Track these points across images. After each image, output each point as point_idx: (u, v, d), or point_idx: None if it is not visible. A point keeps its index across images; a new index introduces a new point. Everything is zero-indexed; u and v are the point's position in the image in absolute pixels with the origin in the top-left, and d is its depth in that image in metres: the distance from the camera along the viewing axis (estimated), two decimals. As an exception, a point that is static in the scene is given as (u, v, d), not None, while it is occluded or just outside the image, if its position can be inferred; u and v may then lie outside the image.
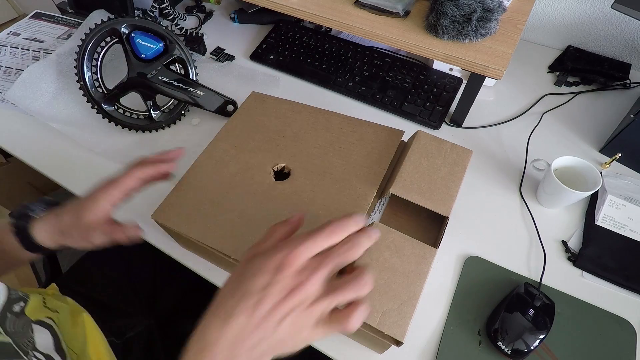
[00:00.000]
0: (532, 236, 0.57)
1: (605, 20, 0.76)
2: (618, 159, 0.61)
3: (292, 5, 0.66)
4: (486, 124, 0.71)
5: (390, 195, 0.47)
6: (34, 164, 0.68)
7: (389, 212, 0.50)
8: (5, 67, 0.81)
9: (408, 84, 0.74)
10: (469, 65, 0.58)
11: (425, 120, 0.70)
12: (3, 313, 0.40)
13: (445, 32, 0.58)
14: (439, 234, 0.47)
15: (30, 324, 0.43)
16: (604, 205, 0.57)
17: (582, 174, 0.56)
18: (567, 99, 0.74)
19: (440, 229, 0.48)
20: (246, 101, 0.59)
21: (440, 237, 0.45)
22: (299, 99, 0.61)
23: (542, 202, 0.60)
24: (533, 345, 0.46)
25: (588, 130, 0.69)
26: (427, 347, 0.49)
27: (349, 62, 0.79)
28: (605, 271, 0.53)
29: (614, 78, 0.74)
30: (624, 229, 0.56)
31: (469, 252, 0.56)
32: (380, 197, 0.49)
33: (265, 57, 0.83)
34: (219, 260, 0.50)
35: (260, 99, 0.60)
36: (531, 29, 0.84)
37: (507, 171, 0.64)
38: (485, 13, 0.56)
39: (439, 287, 0.53)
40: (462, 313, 0.51)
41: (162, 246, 0.58)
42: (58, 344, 0.44)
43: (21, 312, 0.43)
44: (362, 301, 0.31)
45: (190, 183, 0.51)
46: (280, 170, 0.52)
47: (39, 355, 0.40)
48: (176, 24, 0.88)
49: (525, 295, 0.50)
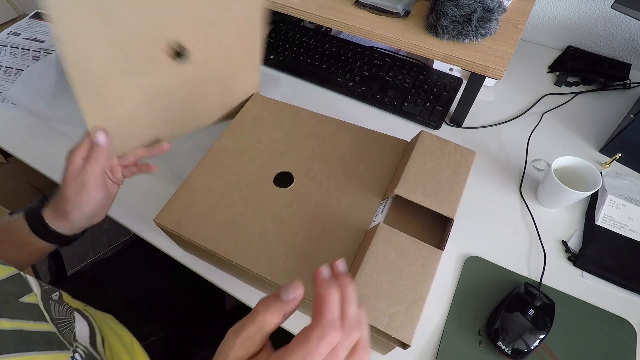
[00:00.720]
0: (532, 236, 0.57)
1: (605, 20, 0.76)
2: (618, 159, 0.61)
3: (292, 5, 0.66)
4: (486, 124, 0.71)
5: (394, 196, 0.47)
6: (34, 164, 0.68)
7: (392, 213, 0.50)
8: (5, 67, 0.81)
9: (408, 84, 0.74)
10: (469, 65, 0.58)
11: (425, 120, 0.70)
12: (46, 301, 0.40)
13: (446, 32, 0.58)
14: (444, 236, 0.47)
15: (72, 311, 0.43)
16: (604, 205, 0.57)
17: (582, 174, 0.56)
18: (567, 99, 0.74)
19: (444, 231, 0.48)
20: (248, 104, 0.59)
21: (445, 239, 0.45)
22: (299, 99, 0.62)
23: (542, 202, 0.60)
24: (533, 345, 0.46)
25: (588, 130, 0.69)
26: (427, 347, 0.49)
27: (349, 62, 0.79)
28: (605, 271, 0.53)
29: (614, 78, 0.74)
30: (624, 229, 0.56)
31: (469, 252, 0.56)
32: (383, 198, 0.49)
33: (265, 57, 0.82)
34: (221, 263, 0.50)
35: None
36: (531, 29, 0.84)
37: (507, 171, 0.64)
38: (486, 13, 0.56)
39: (439, 287, 0.53)
40: (462, 313, 0.51)
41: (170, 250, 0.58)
42: (93, 337, 0.44)
43: (60, 299, 0.43)
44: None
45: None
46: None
47: (80, 346, 0.40)
48: (176, 24, 0.88)
49: (525, 295, 0.50)
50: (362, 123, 0.56)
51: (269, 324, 0.28)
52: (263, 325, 0.28)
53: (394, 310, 0.39)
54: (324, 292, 0.29)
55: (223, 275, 0.55)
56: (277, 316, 0.29)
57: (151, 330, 0.63)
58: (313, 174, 0.51)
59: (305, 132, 0.56)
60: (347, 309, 0.30)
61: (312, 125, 0.56)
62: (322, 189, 0.50)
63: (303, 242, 0.46)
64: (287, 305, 0.29)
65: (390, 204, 0.50)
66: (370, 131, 0.55)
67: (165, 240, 0.58)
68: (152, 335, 0.62)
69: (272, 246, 0.46)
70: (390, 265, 0.41)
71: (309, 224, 0.47)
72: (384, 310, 0.39)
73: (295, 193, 0.50)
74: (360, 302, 0.31)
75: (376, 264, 0.41)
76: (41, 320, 0.37)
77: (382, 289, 0.40)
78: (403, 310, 0.39)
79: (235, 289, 0.54)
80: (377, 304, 0.39)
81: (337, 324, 0.28)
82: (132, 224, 0.60)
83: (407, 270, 0.41)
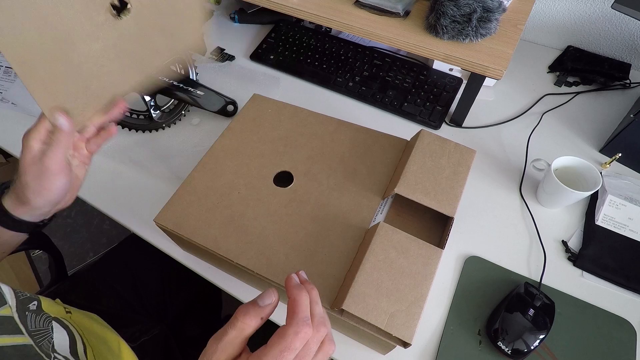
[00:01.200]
0: (532, 236, 0.57)
1: (605, 20, 0.76)
2: (618, 159, 0.61)
3: (292, 5, 0.66)
4: (486, 124, 0.71)
5: (394, 195, 0.47)
6: (34, 164, 0.68)
7: (393, 212, 0.50)
8: (5, 67, 0.81)
9: (408, 84, 0.74)
10: (469, 65, 0.58)
11: (425, 120, 0.70)
12: (22, 312, 0.39)
13: (445, 32, 0.58)
14: (444, 235, 0.47)
15: (50, 320, 0.42)
16: (604, 205, 0.57)
17: (582, 174, 0.56)
18: (567, 99, 0.74)
19: (444, 229, 0.48)
20: (248, 104, 0.60)
21: (445, 238, 0.45)
22: (299, 99, 0.62)
23: (542, 202, 0.60)
24: (533, 345, 0.46)
25: (588, 130, 0.69)
26: (427, 347, 0.49)
27: (349, 62, 0.79)
28: (605, 271, 0.53)
29: (614, 78, 0.74)
30: (624, 229, 0.56)
31: (469, 252, 0.56)
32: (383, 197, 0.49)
33: (265, 57, 0.83)
34: (221, 263, 0.50)
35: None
36: (531, 29, 0.84)
37: (507, 171, 0.64)
38: (485, 13, 0.56)
39: (439, 287, 0.53)
40: (462, 313, 0.51)
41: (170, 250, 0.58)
42: (74, 346, 0.43)
43: (39, 309, 0.42)
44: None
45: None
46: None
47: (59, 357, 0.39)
48: (176, 24, 0.88)
49: (525, 295, 0.50)
50: (362, 123, 0.56)
51: (248, 328, 0.31)
52: (243, 329, 0.31)
53: (394, 309, 0.39)
54: (296, 295, 0.32)
55: (223, 275, 0.55)
56: (255, 320, 0.31)
57: (142, 329, 0.63)
58: (313, 173, 0.51)
59: (305, 131, 0.56)
60: (315, 309, 0.33)
61: (311, 124, 0.56)
62: (322, 188, 0.50)
63: (303, 241, 0.46)
64: (264, 310, 0.32)
65: (391, 203, 0.50)
66: (369, 130, 0.55)
67: (166, 241, 0.58)
68: (143, 334, 0.62)
69: (272, 245, 0.46)
70: (391, 264, 0.41)
71: (309, 223, 0.47)
72: (385, 309, 0.39)
73: (295, 193, 0.50)
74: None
75: (377, 263, 0.41)
76: (16, 334, 0.36)
77: (382, 288, 0.40)
78: (404, 309, 0.39)
79: (235, 289, 0.54)
80: (378, 303, 0.39)
81: (308, 321, 0.32)
82: (132, 224, 0.60)
83: (408, 269, 0.41)
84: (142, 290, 0.70)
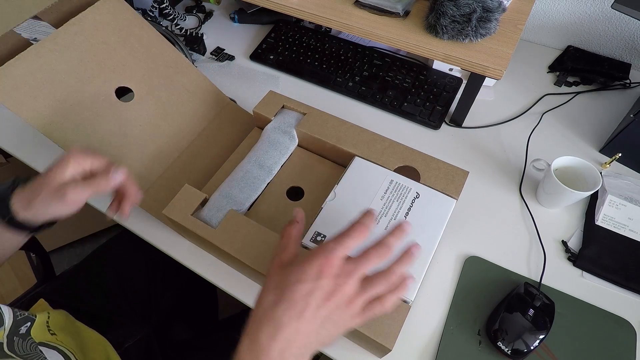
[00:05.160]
0: (532, 236, 0.57)
1: (605, 20, 0.76)
2: (618, 159, 0.61)
3: (292, 5, 0.66)
4: (486, 124, 0.71)
5: None
6: (33, 164, 0.68)
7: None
8: (5, 67, 0.81)
9: (408, 84, 0.74)
10: (469, 65, 0.58)
11: (425, 120, 0.70)
12: (10, 337, 0.40)
13: (445, 32, 0.58)
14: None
15: (35, 346, 0.42)
16: (604, 205, 0.57)
17: (582, 174, 0.56)
18: (567, 99, 0.74)
19: None
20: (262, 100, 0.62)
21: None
22: (299, 99, 0.62)
23: (542, 202, 0.60)
24: (533, 345, 0.46)
25: (588, 130, 0.69)
26: (427, 347, 0.49)
27: (348, 62, 0.79)
28: (605, 271, 0.53)
29: (614, 78, 0.74)
30: (624, 229, 0.56)
31: (469, 252, 0.56)
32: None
33: (265, 57, 0.83)
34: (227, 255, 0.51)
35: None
36: (531, 29, 0.83)
37: (507, 171, 0.64)
38: (485, 13, 0.56)
39: (439, 287, 0.53)
40: (462, 313, 0.51)
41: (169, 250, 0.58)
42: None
43: (27, 333, 0.43)
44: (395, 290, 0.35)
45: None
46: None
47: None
48: (176, 24, 0.88)
49: (525, 295, 0.50)
50: (362, 123, 0.56)
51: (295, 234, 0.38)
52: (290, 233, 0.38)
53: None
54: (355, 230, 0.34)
55: (222, 275, 0.55)
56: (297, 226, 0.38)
57: (126, 334, 0.62)
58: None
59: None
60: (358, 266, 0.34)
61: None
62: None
63: None
64: (298, 222, 0.38)
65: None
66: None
67: (166, 241, 0.58)
68: (127, 339, 0.61)
69: None
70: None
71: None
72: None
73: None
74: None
75: None
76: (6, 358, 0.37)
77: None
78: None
79: (235, 290, 0.54)
80: None
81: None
82: (132, 223, 0.60)
83: None
84: (128, 286, 0.69)
